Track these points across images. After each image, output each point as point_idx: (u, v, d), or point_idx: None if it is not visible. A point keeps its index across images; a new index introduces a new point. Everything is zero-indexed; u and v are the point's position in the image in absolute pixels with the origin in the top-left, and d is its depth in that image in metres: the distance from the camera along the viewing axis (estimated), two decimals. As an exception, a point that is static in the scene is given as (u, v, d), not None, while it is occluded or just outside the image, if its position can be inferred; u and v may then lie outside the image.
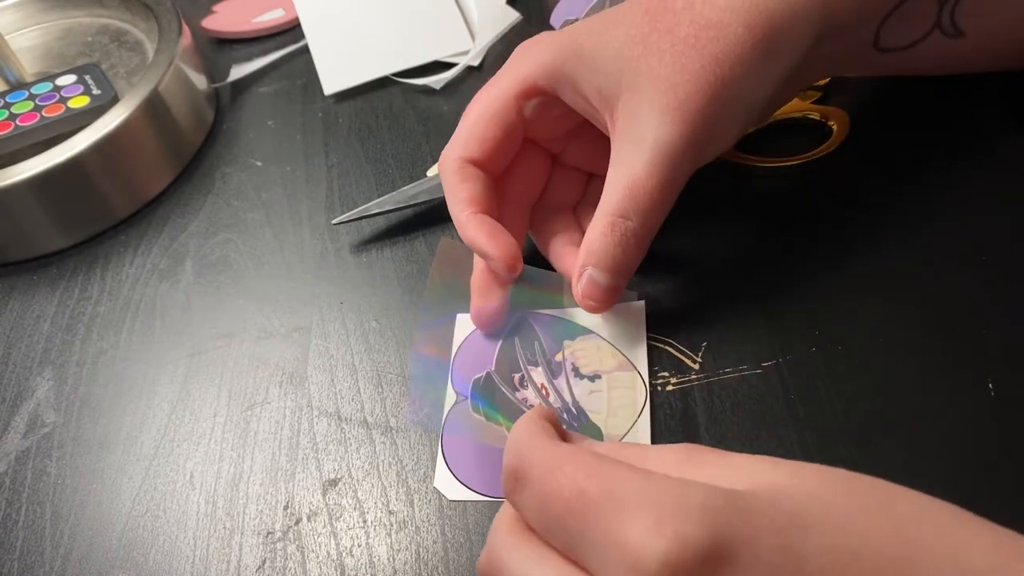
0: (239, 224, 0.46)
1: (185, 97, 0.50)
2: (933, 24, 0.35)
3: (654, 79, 0.32)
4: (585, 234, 0.34)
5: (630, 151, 0.33)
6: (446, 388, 0.36)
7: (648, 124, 0.32)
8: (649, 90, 0.32)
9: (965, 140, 0.39)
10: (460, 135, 0.36)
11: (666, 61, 0.32)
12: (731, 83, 0.32)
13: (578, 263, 0.34)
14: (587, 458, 0.23)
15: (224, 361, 0.40)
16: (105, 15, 0.57)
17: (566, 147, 0.38)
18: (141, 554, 0.34)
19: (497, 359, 0.36)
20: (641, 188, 0.32)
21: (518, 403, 0.35)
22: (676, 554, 0.20)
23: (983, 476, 0.29)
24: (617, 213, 0.33)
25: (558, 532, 0.23)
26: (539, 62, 0.35)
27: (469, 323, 0.37)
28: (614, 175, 0.33)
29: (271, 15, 0.59)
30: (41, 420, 0.39)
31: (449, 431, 0.35)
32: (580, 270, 0.34)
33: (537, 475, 0.23)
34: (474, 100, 0.37)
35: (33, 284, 0.45)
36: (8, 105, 0.49)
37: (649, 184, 0.32)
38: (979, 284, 0.35)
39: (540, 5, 0.56)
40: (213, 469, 0.36)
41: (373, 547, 0.32)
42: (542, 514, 0.23)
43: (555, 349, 0.36)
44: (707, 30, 0.32)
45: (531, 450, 0.24)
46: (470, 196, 0.35)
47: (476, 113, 0.36)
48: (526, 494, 0.24)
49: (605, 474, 0.22)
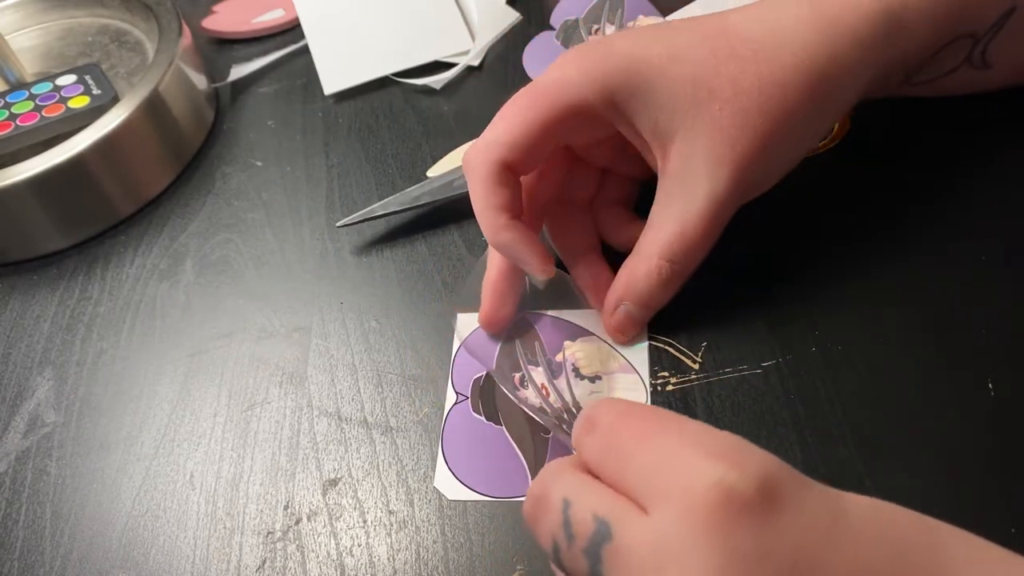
0: (239, 224, 0.46)
1: (185, 97, 0.50)
2: (963, 60, 0.37)
3: (714, 128, 0.33)
4: (624, 270, 0.35)
5: (683, 197, 0.34)
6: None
7: (703, 172, 0.33)
8: (707, 137, 0.33)
9: (966, 139, 0.39)
10: (500, 137, 0.34)
11: (727, 112, 0.33)
12: (785, 139, 0.34)
13: (613, 297, 0.35)
14: (657, 409, 0.26)
15: (224, 361, 0.40)
16: (105, 15, 0.57)
17: (590, 150, 0.38)
18: (141, 554, 0.34)
19: (498, 359, 0.36)
20: (691, 235, 0.33)
21: (518, 403, 0.35)
22: (731, 478, 0.21)
23: (983, 476, 0.29)
24: (665, 256, 0.34)
25: (613, 462, 0.25)
26: (595, 82, 0.33)
27: (470, 323, 0.37)
28: (663, 217, 0.34)
29: (271, 15, 0.59)
30: (41, 420, 0.39)
31: (449, 431, 0.35)
32: (616, 303, 0.35)
33: (609, 420, 0.26)
34: (519, 104, 0.34)
35: (33, 284, 0.45)
36: (8, 105, 0.49)
37: (699, 232, 0.34)
38: (979, 284, 0.35)
39: (540, 5, 0.56)
40: (213, 469, 0.36)
41: (373, 547, 0.32)
42: (603, 450, 0.25)
43: (555, 350, 0.36)
44: (771, 87, 0.33)
45: (608, 403, 0.27)
46: (505, 202, 0.34)
47: (523, 119, 0.34)
48: (595, 434, 0.26)
49: (671, 418, 0.25)
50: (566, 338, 0.36)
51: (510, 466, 0.34)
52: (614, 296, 0.35)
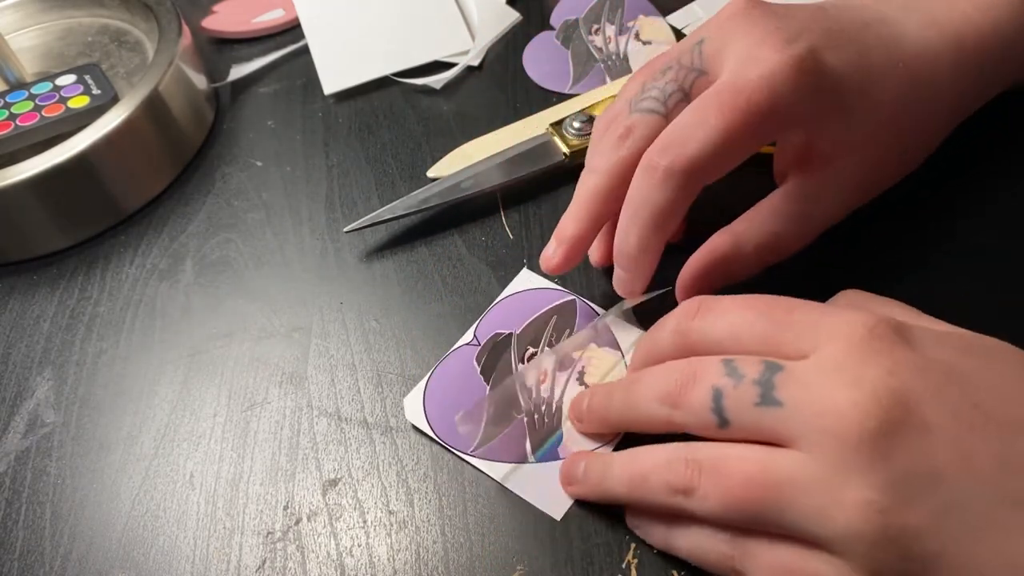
0: (239, 224, 0.46)
1: (185, 97, 0.50)
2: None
3: (877, 159, 0.34)
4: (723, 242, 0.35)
5: (814, 203, 0.34)
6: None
7: (841, 190, 0.34)
8: (866, 164, 0.34)
9: (967, 138, 0.39)
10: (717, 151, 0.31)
11: (896, 150, 0.35)
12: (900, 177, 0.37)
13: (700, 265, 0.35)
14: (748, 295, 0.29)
15: (224, 361, 0.40)
16: (105, 15, 0.57)
17: None
18: (141, 554, 0.34)
19: (527, 325, 0.36)
20: (796, 237, 0.35)
21: (513, 374, 0.35)
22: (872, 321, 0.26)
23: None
24: (762, 249, 0.35)
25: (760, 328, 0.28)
26: (808, 101, 0.32)
27: (528, 279, 0.39)
28: (785, 211, 0.34)
29: (271, 15, 0.59)
30: (41, 420, 0.39)
31: (445, 365, 0.36)
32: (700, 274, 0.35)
33: (727, 303, 0.29)
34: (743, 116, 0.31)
35: (33, 284, 0.45)
36: (8, 105, 0.49)
37: (800, 240, 0.35)
38: (979, 284, 0.35)
39: (540, 5, 0.56)
40: (213, 469, 0.36)
41: (373, 547, 0.32)
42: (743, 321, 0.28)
43: (579, 347, 0.36)
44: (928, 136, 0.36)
45: (699, 298, 0.30)
46: (679, 219, 0.33)
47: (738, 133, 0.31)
48: (717, 313, 0.29)
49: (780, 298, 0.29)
50: (594, 341, 0.36)
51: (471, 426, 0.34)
52: (702, 265, 0.35)
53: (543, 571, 0.31)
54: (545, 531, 0.32)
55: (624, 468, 0.29)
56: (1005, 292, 0.35)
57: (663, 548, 0.29)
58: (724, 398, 0.27)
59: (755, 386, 0.26)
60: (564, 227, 0.35)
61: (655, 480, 0.28)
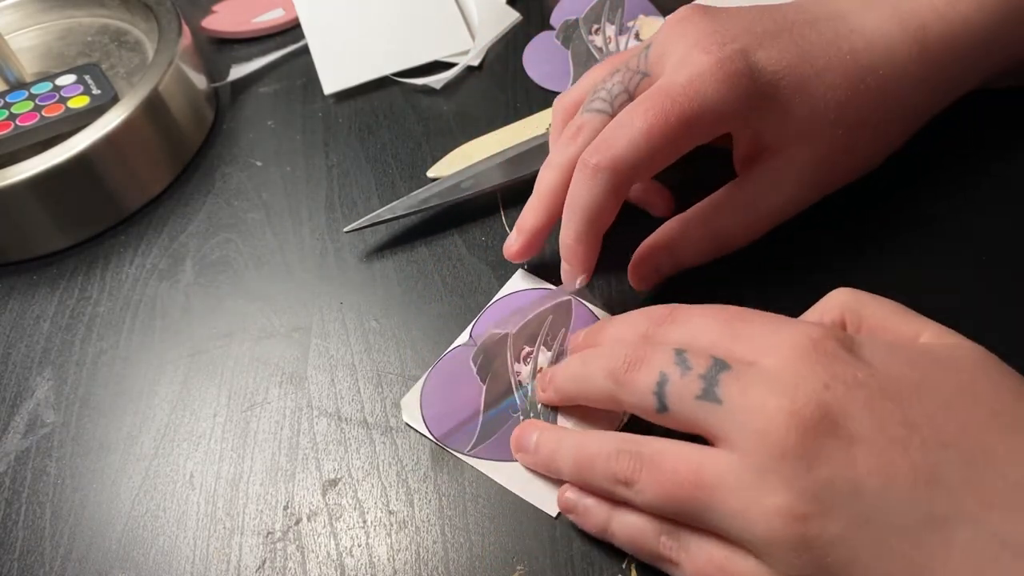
0: (239, 224, 0.46)
1: (185, 97, 0.50)
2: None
3: (830, 149, 0.35)
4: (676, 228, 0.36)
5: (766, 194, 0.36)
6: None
7: (793, 182, 0.35)
8: (817, 157, 0.35)
9: (967, 137, 0.39)
10: (640, 152, 0.32)
11: (843, 140, 0.35)
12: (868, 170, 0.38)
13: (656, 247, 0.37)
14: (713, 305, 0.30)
15: (224, 361, 0.40)
16: (105, 15, 0.57)
17: None
18: (141, 554, 0.34)
19: (523, 325, 0.37)
20: (754, 227, 0.36)
21: (511, 375, 0.35)
22: (821, 331, 0.27)
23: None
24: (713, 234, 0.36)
25: (714, 334, 0.29)
26: (734, 101, 0.33)
27: (523, 280, 0.39)
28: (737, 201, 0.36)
29: (271, 15, 0.59)
30: (41, 420, 0.39)
31: (442, 364, 0.36)
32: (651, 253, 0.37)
33: (687, 312, 0.30)
34: (665, 119, 0.32)
35: (33, 284, 0.45)
36: (8, 105, 0.49)
37: (756, 230, 0.36)
38: (979, 284, 0.35)
39: (540, 5, 0.56)
40: (213, 469, 0.36)
41: (373, 547, 0.32)
42: (701, 328, 0.29)
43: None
44: (885, 125, 0.36)
45: (671, 307, 0.31)
46: (611, 213, 0.34)
47: (662, 135, 0.32)
48: (679, 323, 0.30)
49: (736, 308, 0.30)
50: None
51: (468, 425, 0.34)
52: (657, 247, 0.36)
53: (543, 571, 0.31)
54: (545, 531, 0.32)
55: (573, 450, 0.30)
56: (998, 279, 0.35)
57: (600, 536, 0.30)
58: (668, 384, 0.28)
59: (700, 380, 0.27)
60: (524, 219, 0.37)
61: (600, 467, 0.29)
